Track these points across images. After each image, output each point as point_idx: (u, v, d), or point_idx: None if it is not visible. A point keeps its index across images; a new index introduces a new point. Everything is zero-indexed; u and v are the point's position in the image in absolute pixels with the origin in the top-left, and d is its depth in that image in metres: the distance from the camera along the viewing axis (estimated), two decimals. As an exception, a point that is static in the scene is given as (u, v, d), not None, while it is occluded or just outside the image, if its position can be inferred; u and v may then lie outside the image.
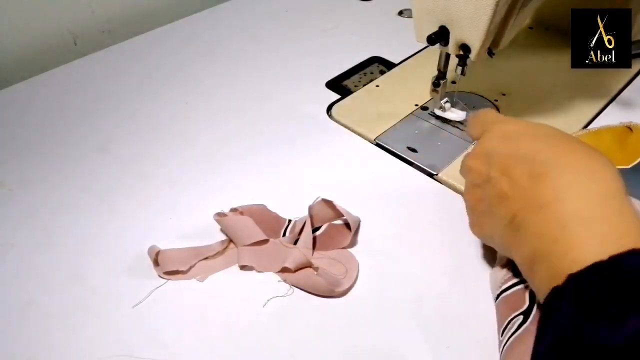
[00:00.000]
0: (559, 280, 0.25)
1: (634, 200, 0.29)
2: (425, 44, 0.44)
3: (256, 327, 0.36)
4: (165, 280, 0.39)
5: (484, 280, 0.38)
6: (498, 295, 0.35)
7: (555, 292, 0.25)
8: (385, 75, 0.60)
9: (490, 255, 0.39)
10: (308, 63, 0.63)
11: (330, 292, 0.37)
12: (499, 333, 0.33)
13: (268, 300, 0.37)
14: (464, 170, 0.36)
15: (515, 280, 0.34)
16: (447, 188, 0.45)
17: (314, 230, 0.42)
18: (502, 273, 0.35)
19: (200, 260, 0.40)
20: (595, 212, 0.26)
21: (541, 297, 0.27)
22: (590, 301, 0.23)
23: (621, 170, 0.28)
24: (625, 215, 0.26)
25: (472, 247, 0.40)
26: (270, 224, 0.42)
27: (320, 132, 0.52)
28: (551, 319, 0.25)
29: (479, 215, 0.35)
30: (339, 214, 0.42)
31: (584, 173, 0.27)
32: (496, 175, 0.31)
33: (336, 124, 0.53)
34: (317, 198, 0.42)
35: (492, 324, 0.35)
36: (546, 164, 0.29)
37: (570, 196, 0.27)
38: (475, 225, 0.36)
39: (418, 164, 0.48)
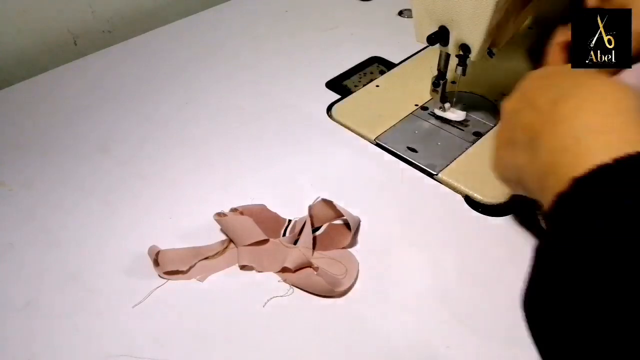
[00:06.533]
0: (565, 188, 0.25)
1: None
2: (425, 44, 0.44)
3: (256, 327, 0.36)
4: (165, 280, 0.39)
5: (484, 280, 0.38)
6: None
7: (561, 199, 0.25)
8: (385, 75, 0.60)
9: (491, 255, 0.39)
10: (308, 63, 0.63)
11: (330, 292, 0.37)
12: None
13: (268, 300, 0.37)
14: (501, 111, 0.36)
15: None
16: (447, 188, 0.45)
17: (314, 230, 0.42)
18: None
19: (200, 260, 0.40)
20: (606, 125, 0.26)
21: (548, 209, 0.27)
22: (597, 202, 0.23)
23: None
24: (638, 127, 0.26)
25: (472, 246, 0.40)
26: (270, 224, 0.42)
27: (320, 132, 0.52)
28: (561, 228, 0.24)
29: (503, 146, 0.35)
30: (339, 214, 0.42)
31: (600, 92, 0.28)
32: (525, 106, 0.32)
33: (336, 124, 0.53)
34: (317, 198, 0.42)
35: (492, 323, 0.35)
36: (568, 89, 0.30)
37: (584, 112, 0.28)
38: (498, 160, 0.36)
39: (418, 164, 0.48)
